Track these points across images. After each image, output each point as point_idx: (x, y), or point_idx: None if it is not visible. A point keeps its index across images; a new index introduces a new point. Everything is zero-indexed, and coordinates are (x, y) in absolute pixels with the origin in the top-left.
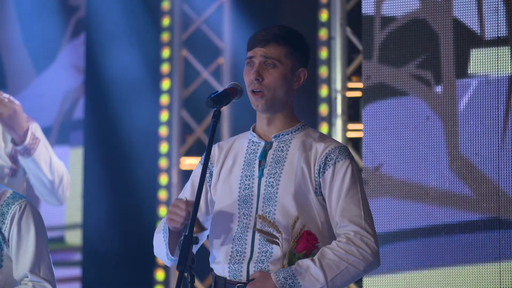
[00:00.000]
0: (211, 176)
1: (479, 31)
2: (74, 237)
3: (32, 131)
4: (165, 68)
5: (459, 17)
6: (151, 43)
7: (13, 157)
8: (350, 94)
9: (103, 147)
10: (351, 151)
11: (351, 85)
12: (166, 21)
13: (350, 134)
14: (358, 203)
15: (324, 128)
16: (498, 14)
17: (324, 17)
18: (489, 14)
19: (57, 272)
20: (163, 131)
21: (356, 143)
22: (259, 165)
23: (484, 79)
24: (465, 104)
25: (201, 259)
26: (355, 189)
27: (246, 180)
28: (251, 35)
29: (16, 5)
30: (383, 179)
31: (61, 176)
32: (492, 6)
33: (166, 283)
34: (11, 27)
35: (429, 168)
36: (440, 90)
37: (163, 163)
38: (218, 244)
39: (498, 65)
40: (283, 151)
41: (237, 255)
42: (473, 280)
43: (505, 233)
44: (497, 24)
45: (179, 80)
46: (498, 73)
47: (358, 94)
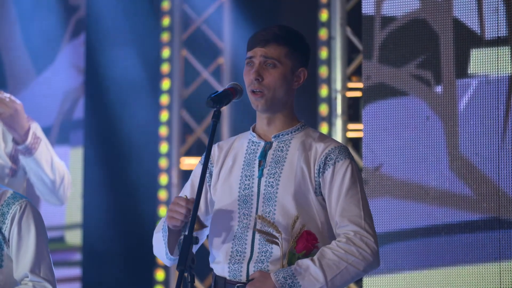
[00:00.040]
0: (211, 176)
1: (479, 31)
2: (74, 237)
3: (33, 130)
4: (165, 68)
5: (459, 17)
6: (151, 43)
7: (13, 157)
8: (350, 94)
9: (103, 147)
10: (351, 151)
11: (351, 85)
12: (166, 21)
13: (350, 134)
14: (358, 203)
15: (324, 128)
16: (498, 14)
17: (324, 17)
18: (489, 14)
19: (57, 272)
20: (163, 131)
21: (356, 143)
22: (259, 165)
23: (484, 79)
24: (465, 104)
25: (201, 259)
26: (355, 189)
27: (246, 180)
28: (251, 35)
29: (16, 5)
30: (383, 179)
31: (62, 175)
32: (492, 6)
33: (166, 283)
34: (11, 27)
35: (429, 168)
36: (440, 90)
37: (163, 163)
38: (218, 244)
39: (498, 65)
40: (283, 151)
41: (237, 255)
42: (473, 280)
43: (505, 233)
44: (497, 24)
45: (179, 80)
46: (498, 73)
47: (358, 94)
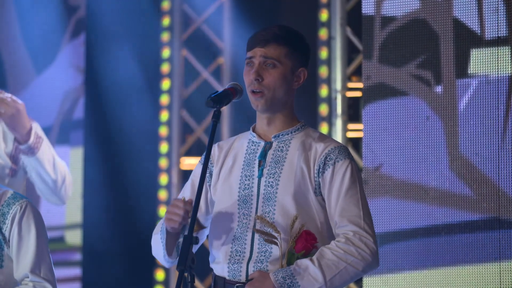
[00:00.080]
0: (211, 176)
1: (479, 31)
2: (74, 237)
3: (34, 130)
4: (165, 68)
5: (459, 17)
6: (151, 43)
7: (13, 157)
8: (350, 94)
9: (103, 147)
10: (351, 151)
11: (351, 85)
12: (166, 21)
13: (350, 134)
14: (357, 203)
15: (324, 128)
16: (498, 14)
17: (324, 17)
18: (489, 14)
19: (57, 272)
20: (163, 131)
21: (356, 143)
22: (259, 165)
23: (484, 79)
24: (465, 104)
25: (201, 259)
26: (354, 189)
27: (245, 180)
28: (251, 35)
29: (16, 5)
30: (383, 179)
31: (63, 175)
32: (492, 6)
33: (166, 283)
34: (11, 27)
35: (429, 168)
36: (440, 90)
37: (163, 163)
38: (217, 244)
39: (498, 65)
40: (283, 151)
41: (236, 255)
42: (473, 280)
43: (505, 233)
44: (497, 24)
45: (179, 80)
46: (498, 73)
47: (358, 94)
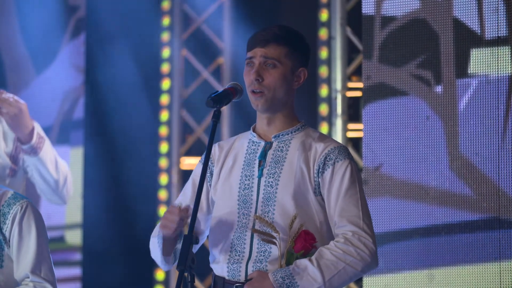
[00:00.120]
0: (212, 176)
1: (479, 31)
2: (74, 237)
3: (37, 130)
4: (165, 68)
5: (459, 17)
6: (151, 43)
7: (13, 157)
8: (350, 94)
9: (103, 147)
10: (351, 151)
11: (351, 85)
12: (166, 21)
13: (350, 134)
14: (356, 203)
15: (324, 128)
16: (498, 14)
17: (324, 17)
18: (489, 14)
19: (57, 272)
20: (163, 131)
21: (356, 143)
22: (259, 165)
23: (484, 79)
24: (465, 104)
25: (201, 259)
26: (354, 189)
27: (245, 180)
28: (251, 35)
29: (16, 4)
30: (383, 179)
31: (65, 175)
32: (492, 6)
33: (166, 283)
34: (11, 26)
35: (429, 168)
36: (440, 90)
37: (163, 163)
38: (217, 244)
39: (498, 65)
40: (283, 151)
41: (236, 255)
42: (473, 280)
43: (505, 233)
44: (497, 24)
45: (179, 80)
46: (498, 73)
47: (358, 94)
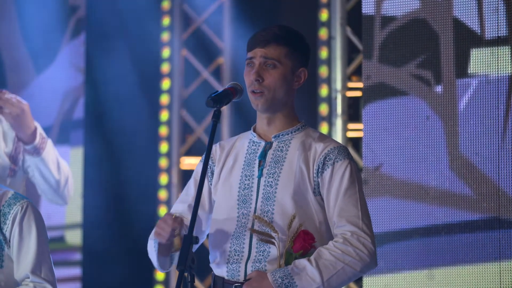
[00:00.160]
0: (213, 175)
1: (479, 31)
2: (74, 237)
3: (39, 130)
4: (165, 68)
5: (459, 16)
6: (151, 43)
7: (13, 157)
8: (350, 93)
9: (103, 147)
10: (351, 151)
11: (351, 84)
12: (166, 20)
13: (350, 134)
14: (356, 203)
15: (324, 128)
16: (498, 14)
17: (324, 16)
18: (489, 14)
19: (57, 272)
20: (163, 130)
21: (356, 143)
22: (259, 165)
23: (484, 79)
24: (465, 104)
25: (201, 259)
26: (353, 189)
27: (245, 180)
28: (251, 35)
29: (16, 4)
30: (383, 179)
31: (66, 176)
32: (492, 6)
33: (166, 283)
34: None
35: (429, 168)
36: (440, 90)
37: (163, 163)
38: (217, 244)
39: (498, 65)
40: (283, 151)
41: (235, 255)
42: (473, 280)
43: (505, 232)
44: (497, 24)
45: (179, 80)
46: (498, 73)
47: (358, 94)
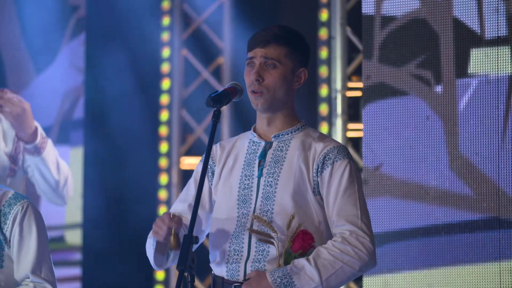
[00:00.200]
0: (213, 175)
1: (479, 30)
2: (74, 237)
3: (40, 130)
4: (165, 67)
5: (459, 16)
6: (151, 43)
7: (13, 157)
8: (350, 93)
9: (103, 146)
10: (351, 151)
11: (351, 84)
12: (166, 20)
13: (350, 134)
14: (355, 202)
15: (324, 128)
16: (498, 14)
17: (324, 16)
18: (489, 14)
19: (57, 272)
20: (163, 130)
21: (356, 142)
22: (259, 165)
23: (484, 79)
24: (465, 104)
25: (201, 259)
26: (352, 189)
27: (245, 180)
28: (251, 35)
29: (16, 4)
30: (383, 179)
31: (66, 176)
32: (492, 6)
33: (166, 282)
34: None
35: (429, 168)
36: (440, 90)
37: (163, 162)
38: (216, 244)
39: (498, 65)
40: (283, 150)
41: (234, 255)
42: (473, 280)
43: (505, 232)
44: (497, 24)
45: (179, 80)
46: (498, 73)
47: (358, 93)
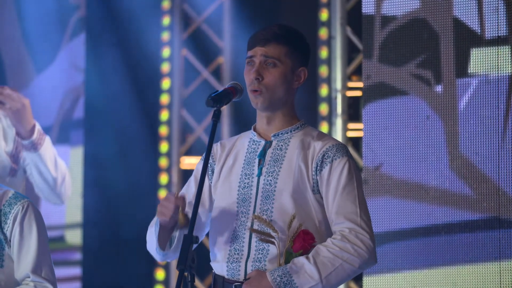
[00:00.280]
0: (213, 173)
1: (479, 30)
2: (74, 237)
3: (38, 127)
4: (165, 67)
5: (459, 16)
6: (151, 43)
7: (14, 157)
8: (350, 93)
9: (103, 146)
10: (351, 150)
11: (351, 84)
12: (166, 20)
13: (350, 134)
14: (354, 200)
15: (324, 128)
16: (498, 14)
17: (324, 16)
18: (489, 14)
19: (57, 272)
20: (163, 130)
21: (356, 142)
22: (258, 164)
23: (484, 78)
24: (465, 104)
25: (201, 258)
26: (351, 186)
27: (245, 178)
28: (251, 34)
29: (16, 4)
30: (383, 179)
31: (64, 174)
32: (492, 6)
33: (166, 282)
34: (11, 26)
35: (429, 168)
36: (440, 90)
37: (163, 162)
38: (217, 243)
39: (498, 65)
40: (282, 149)
41: (235, 254)
42: (473, 280)
43: (505, 232)
44: (497, 24)
45: (179, 80)
46: (498, 73)
47: (358, 93)
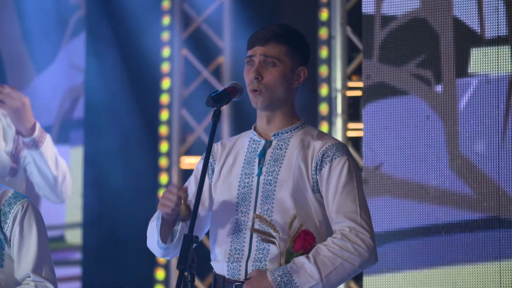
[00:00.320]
0: (213, 173)
1: (479, 30)
2: (74, 236)
3: (38, 125)
4: (165, 67)
5: (459, 16)
6: (151, 42)
7: (14, 156)
8: (350, 93)
9: (103, 146)
10: (351, 150)
11: (351, 84)
12: (166, 20)
13: (350, 133)
14: (354, 198)
15: (324, 127)
16: (498, 13)
17: (324, 16)
18: (489, 13)
19: (57, 271)
20: (163, 130)
21: (356, 142)
22: (258, 164)
23: (484, 78)
24: (465, 104)
25: (202, 258)
26: (351, 185)
27: (245, 178)
28: (251, 34)
29: (16, 4)
30: (383, 178)
31: (64, 173)
32: (492, 5)
33: (166, 282)
34: (11, 26)
35: (429, 167)
36: (440, 89)
37: (163, 162)
38: (217, 243)
39: (498, 65)
40: (282, 149)
41: (235, 254)
42: (473, 279)
43: (505, 232)
44: (497, 23)
45: (179, 79)
46: (498, 73)
47: (358, 93)
